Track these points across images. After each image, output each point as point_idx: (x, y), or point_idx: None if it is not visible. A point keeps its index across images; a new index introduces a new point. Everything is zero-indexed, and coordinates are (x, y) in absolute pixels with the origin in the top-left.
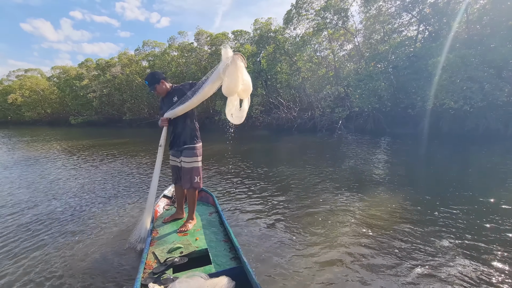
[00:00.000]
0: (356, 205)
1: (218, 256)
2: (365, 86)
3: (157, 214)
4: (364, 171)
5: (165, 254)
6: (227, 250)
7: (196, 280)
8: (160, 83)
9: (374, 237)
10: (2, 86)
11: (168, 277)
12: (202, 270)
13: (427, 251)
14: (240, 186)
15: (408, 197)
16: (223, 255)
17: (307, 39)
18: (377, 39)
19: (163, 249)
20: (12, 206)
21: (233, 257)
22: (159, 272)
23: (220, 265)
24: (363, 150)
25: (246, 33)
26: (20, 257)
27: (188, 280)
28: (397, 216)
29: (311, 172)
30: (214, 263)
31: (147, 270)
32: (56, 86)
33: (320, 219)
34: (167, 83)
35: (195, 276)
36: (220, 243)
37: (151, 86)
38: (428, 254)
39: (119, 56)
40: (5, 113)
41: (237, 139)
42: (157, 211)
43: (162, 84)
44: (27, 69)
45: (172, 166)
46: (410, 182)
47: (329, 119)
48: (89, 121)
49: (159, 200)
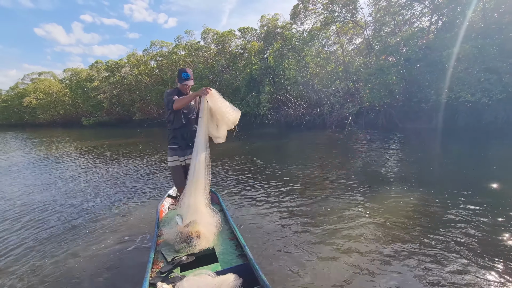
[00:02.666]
0: (367, 205)
1: (225, 254)
2: (375, 80)
3: (162, 214)
4: (376, 169)
5: (172, 253)
6: (233, 248)
7: (203, 278)
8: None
9: (387, 239)
10: (17, 89)
11: (176, 276)
12: (209, 268)
13: (446, 255)
14: (247, 184)
15: (424, 196)
16: (230, 253)
17: (314, 34)
18: (388, 31)
19: (169, 248)
20: (23, 205)
21: (240, 255)
22: (166, 271)
23: (227, 263)
24: (374, 146)
25: (253, 30)
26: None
27: (196, 278)
28: (412, 217)
29: (320, 169)
30: (220, 261)
31: (154, 269)
32: (68, 88)
33: (329, 218)
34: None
35: (202, 274)
36: (226, 241)
37: (191, 80)
38: (447, 259)
39: (127, 57)
40: (21, 115)
41: (245, 137)
42: (162, 211)
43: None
44: (41, 72)
45: (175, 167)
46: (425, 180)
47: (338, 115)
48: (100, 122)
49: (164, 200)
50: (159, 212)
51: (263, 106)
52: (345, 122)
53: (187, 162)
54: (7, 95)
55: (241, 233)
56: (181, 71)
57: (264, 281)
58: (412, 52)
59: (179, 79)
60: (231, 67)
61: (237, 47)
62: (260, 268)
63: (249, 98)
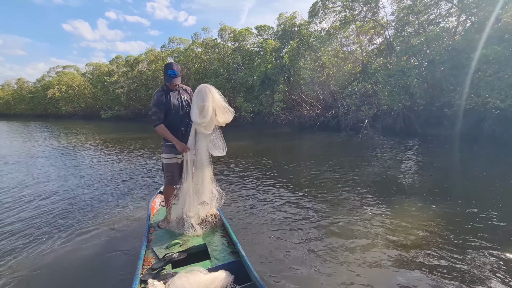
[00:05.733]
0: (380, 215)
1: (217, 250)
2: (395, 83)
3: (153, 211)
4: (392, 177)
5: (163, 250)
6: (225, 245)
7: (195, 274)
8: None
9: (399, 254)
10: (43, 81)
11: (167, 273)
12: (201, 265)
13: (465, 277)
14: (251, 183)
15: (443, 209)
16: (222, 250)
17: (333, 33)
18: (411, 31)
19: (161, 245)
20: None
21: (232, 252)
22: (158, 268)
23: (219, 260)
24: (391, 152)
25: (270, 28)
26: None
27: (187, 275)
28: (428, 231)
29: (331, 174)
30: (213, 258)
31: (146, 266)
32: (89, 82)
33: (333, 223)
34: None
35: (194, 271)
36: (218, 238)
37: (178, 77)
38: (465, 280)
39: (146, 53)
40: (45, 106)
41: (257, 136)
42: (154, 207)
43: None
44: (65, 65)
45: (170, 164)
46: (445, 191)
47: (354, 118)
48: (118, 116)
49: (156, 197)
50: (151, 209)
51: (276, 105)
52: (361, 125)
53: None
54: (33, 86)
55: (237, 229)
56: (167, 67)
57: (256, 277)
58: (437, 54)
59: (166, 77)
60: (247, 65)
61: (253, 45)
62: (252, 265)
63: (262, 97)
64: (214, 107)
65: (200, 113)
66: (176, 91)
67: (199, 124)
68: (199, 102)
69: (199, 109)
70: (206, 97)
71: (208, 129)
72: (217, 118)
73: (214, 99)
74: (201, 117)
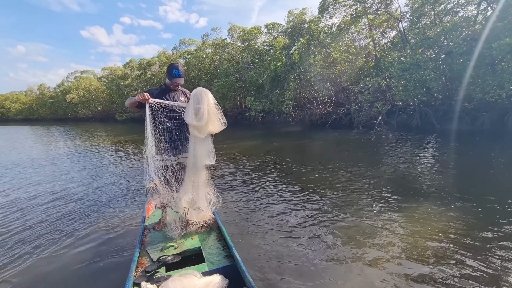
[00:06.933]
0: (395, 219)
1: (212, 254)
2: (410, 77)
3: (149, 213)
4: (408, 177)
5: (157, 253)
6: (220, 248)
7: (189, 278)
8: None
9: (416, 262)
10: (63, 86)
11: (161, 276)
12: (196, 268)
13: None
14: (257, 183)
15: (465, 212)
16: (217, 253)
17: (344, 27)
18: (426, 23)
19: (155, 248)
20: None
21: (227, 255)
22: (151, 271)
23: (214, 263)
24: (407, 150)
25: (279, 26)
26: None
27: (181, 279)
28: (448, 237)
29: (342, 173)
30: (207, 261)
31: (139, 269)
32: (105, 85)
33: (336, 229)
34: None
35: (188, 275)
36: (213, 241)
37: (182, 78)
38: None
39: (158, 56)
40: (65, 110)
41: (266, 135)
42: (149, 209)
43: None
44: (83, 70)
45: (164, 167)
46: (466, 192)
47: (367, 115)
48: (132, 118)
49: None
50: (146, 210)
51: (286, 104)
52: (374, 122)
53: (179, 161)
54: (54, 92)
55: (233, 232)
56: (172, 67)
57: (251, 282)
58: (455, 45)
59: (169, 75)
60: (256, 64)
61: (263, 44)
62: (247, 269)
63: (273, 95)
64: (209, 113)
65: (195, 115)
66: (175, 91)
67: (193, 127)
68: (195, 104)
69: (195, 111)
70: (201, 100)
71: (202, 133)
72: (208, 126)
73: (209, 105)
74: (196, 119)
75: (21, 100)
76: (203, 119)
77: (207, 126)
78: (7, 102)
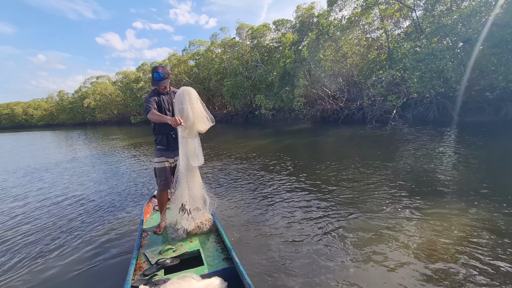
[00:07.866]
0: (412, 218)
1: (211, 257)
2: (425, 68)
3: (147, 215)
4: (426, 173)
5: (156, 255)
6: (219, 251)
7: (188, 281)
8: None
9: (435, 264)
10: (80, 92)
11: (159, 279)
12: (194, 271)
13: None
14: (250, 185)
15: (489, 212)
16: (216, 256)
17: (354, 20)
18: (442, 10)
19: (154, 250)
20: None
21: (226, 258)
22: (150, 274)
23: (213, 266)
24: (424, 145)
25: (288, 22)
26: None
27: (180, 282)
28: (471, 237)
29: (356, 171)
30: (206, 264)
31: (137, 272)
32: (120, 89)
33: (343, 230)
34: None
35: (187, 277)
36: (212, 244)
37: (165, 79)
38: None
39: (169, 58)
40: (83, 115)
41: (277, 133)
42: (147, 211)
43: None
44: (98, 76)
45: (161, 168)
46: (490, 188)
47: (380, 109)
48: (146, 120)
49: (149, 201)
50: (144, 213)
51: (297, 100)
52: (388, 116)
53: (176, 163)
54: (72, 97)
55: (232, 235)
56: (153, 71)
57: (250, 285)
58: (474, 31)
59: (152, 81)
60: (265, 61)
61: (272, 41)
62: (246, 272)
63: (282, 92)
64: (195, 112)
65: (181, 116)
66: (167, 94)
67: (181, 128)
68: (178, 105)
69: (179, 112)
70: (184, 99)
71: (190, 134)
72: (196, 125)
73: (193, 104)
74: (182, 120)
75: (42, 106)
76: (189, 119)
77: (195, 126)
78: (30, 109)
